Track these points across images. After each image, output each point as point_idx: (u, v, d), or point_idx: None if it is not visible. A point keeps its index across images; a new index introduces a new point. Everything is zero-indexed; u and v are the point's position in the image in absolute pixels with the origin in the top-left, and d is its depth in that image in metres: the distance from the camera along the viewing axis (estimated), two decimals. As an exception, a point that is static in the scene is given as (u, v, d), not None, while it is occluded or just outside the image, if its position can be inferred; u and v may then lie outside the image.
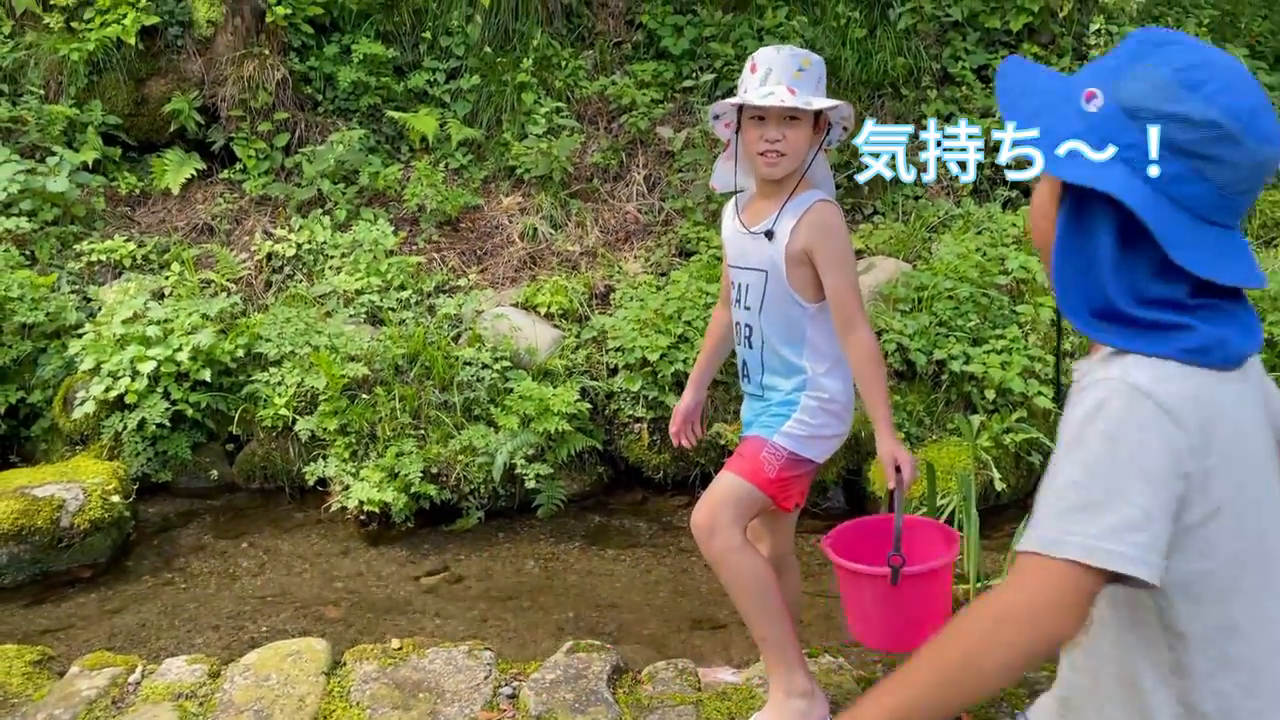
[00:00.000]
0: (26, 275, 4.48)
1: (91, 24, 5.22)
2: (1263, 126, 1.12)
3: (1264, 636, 1.16)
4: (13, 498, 3.69)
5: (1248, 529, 1.15)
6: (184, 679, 2.72)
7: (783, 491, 2.48)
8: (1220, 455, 1.12)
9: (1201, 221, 1.13)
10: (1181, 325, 1.13)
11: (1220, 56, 1.16)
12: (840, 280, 2.36)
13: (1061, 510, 1.10)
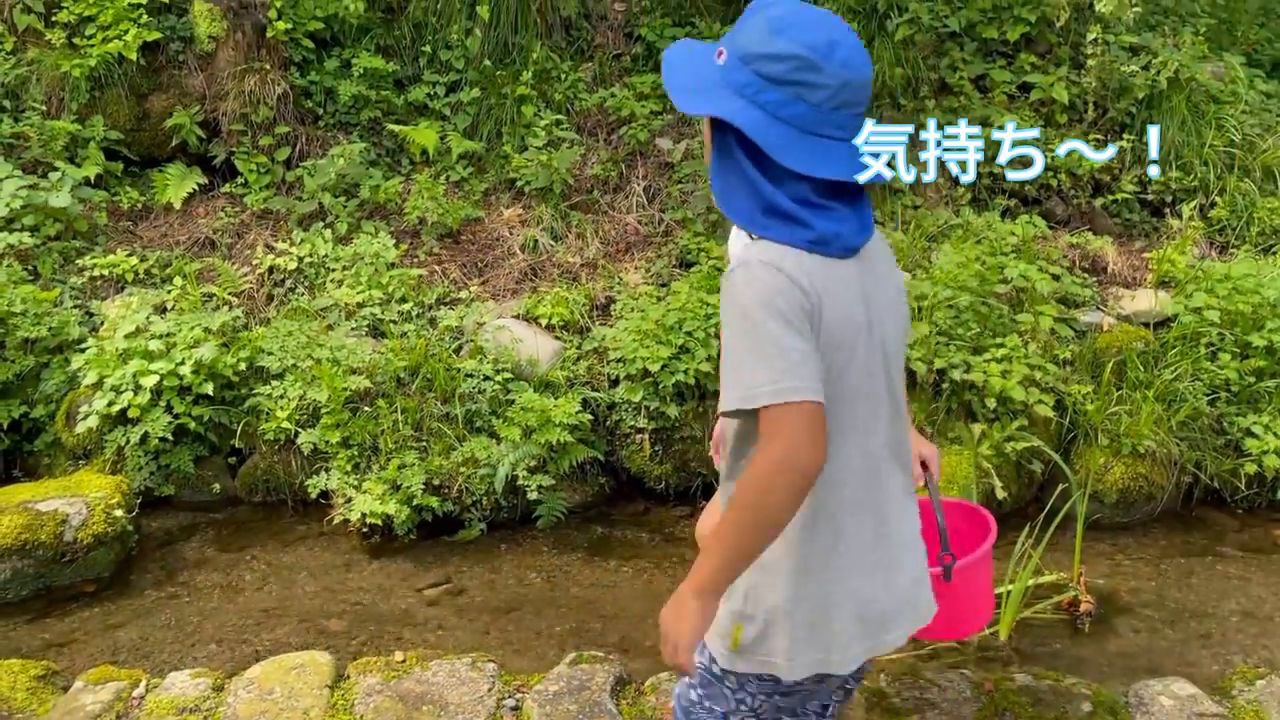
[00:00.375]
0: (29, 290, 4.49)
1: (93, 40, 5.24)
2: (839, 55, 1.44)
3: (848, 454, 1.55)
4: (16, 512, 3.69)
5: (835, 382, 1.49)
6: (188, 693, 2.73)
7: None
8: (827, 323, 1.46)
9: (807, 134, 1.46)
10: (803, 222, 1.47)
11: (809, 9, 1.48)
12: None
13: (751, 370, 1.41)
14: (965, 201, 5.32)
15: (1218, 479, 4.39)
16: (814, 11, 1.48)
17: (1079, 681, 2.83)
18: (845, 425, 1.53)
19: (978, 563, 2.35)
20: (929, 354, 4.31)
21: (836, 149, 1.48)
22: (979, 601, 2.42)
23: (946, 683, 2.81)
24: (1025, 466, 4.28)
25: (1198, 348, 4.50)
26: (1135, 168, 5.40)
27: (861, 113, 1.52)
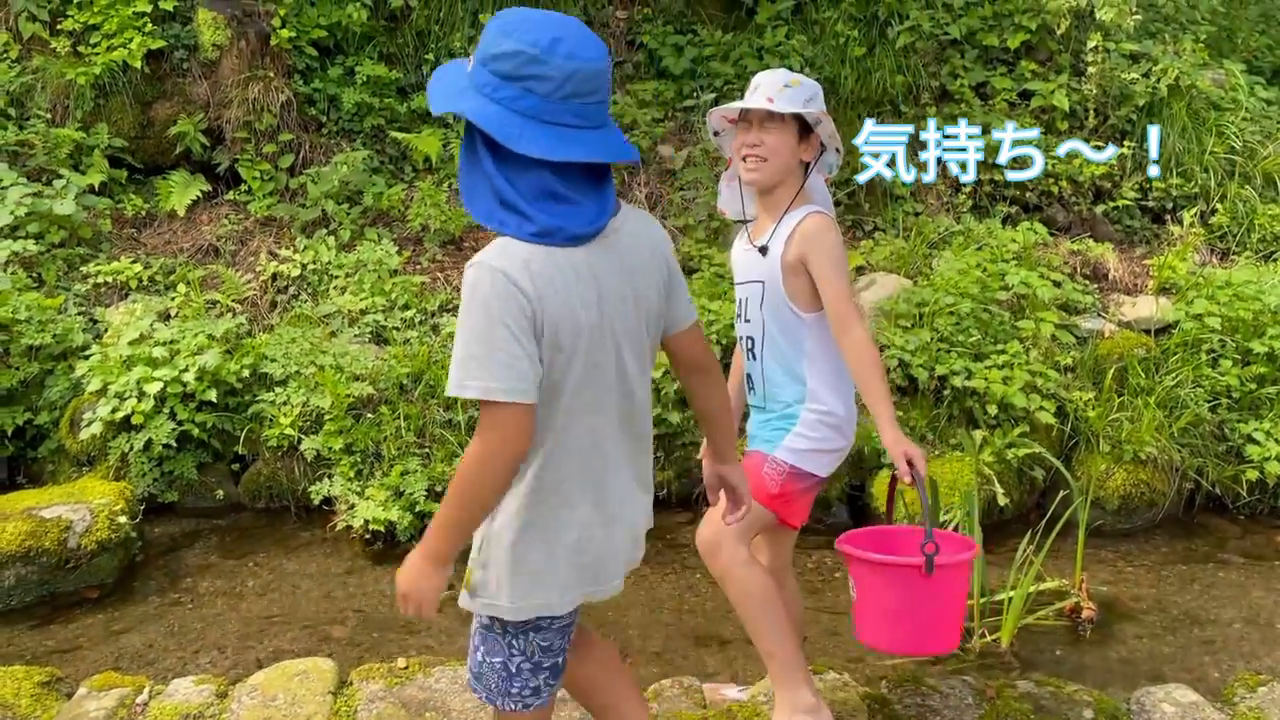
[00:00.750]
0: (34, 298, 4.51)
1: (98, 48, 5.27)
2: (563, 49, 1.56)
3: (574, 432, 1.73)
4: (20, 519, 3.70)
5: (562, 371, 1.67)
6: (191, 700, 2.73)
7: (786, 508, 2.50)
8: (550, 320, 1.62)
9: (542, 123, 1.58)
10: (527, 215, 1.60)
11: (538, 12, 1.63)
12: (833, 286, 2.41)
13: (468, 369, 1.59)
14: (966, 208, 5.34)
15: (1219, 485, 4.40)
16: (541, 14, 1.64)
17: (1081, 689, 2.83)
18: (574, 408, 1.73)
19: (960, 567, 2.36)
20: (930, 360, 4.33)
21: (575, 135, 1.60)
22: (954, 614, 2.42)
23: (948, 689, 2.81)
24: (1027, 473, 4.29)
25: (1199, 354, 4.51)
26: (1136, 174, 5.42)
27: (599, 101, 1.63)
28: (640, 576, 3.96)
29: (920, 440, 4.30)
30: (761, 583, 2.44)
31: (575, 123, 1.60)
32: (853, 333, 2.39)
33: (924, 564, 2.25)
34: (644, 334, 1.80)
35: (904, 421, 4.32)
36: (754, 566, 2.45)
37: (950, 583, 2.35)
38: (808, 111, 2.40)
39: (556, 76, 1.57)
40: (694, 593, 3.84)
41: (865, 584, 2.43)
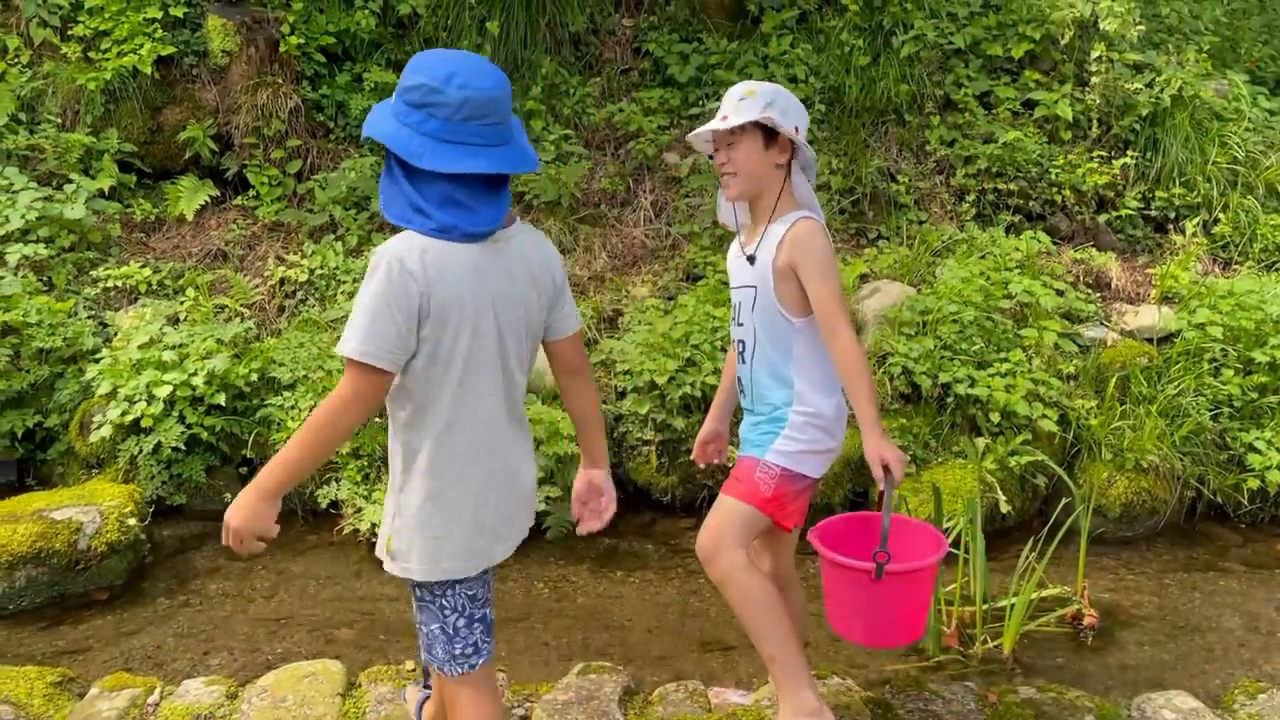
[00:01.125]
0: (45, 301, 4.55)
1: (109, 54, 5.31)
2: (457, 80, 1.85)
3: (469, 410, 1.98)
4: (31, 520, 3.74)
5: (450, 350, 1.93)
6: (202, 700, 2.76)
7: (780, 510, 2.53)
8: (437, 303, 1.87)
9: (442, 142, 1.85)
10: (428, 215, 1.88)
11: (444, 51, 1.94)
12: (822, 290, 2.45)
13: (352, 331, 1.86)
14: (969, 217, 5.37)
15: (1220, 494, 4.42)
16: (445, 52, 1.94)
17: (1082, 695, 2.86)
18: (467, 387, 1.97)
19: (914, 575, 2.41)
20: (934, 368, 4.36)
21: (475, 151, 1.87)
22: (913, 613, 2.47)
23: (950, 694, 2.84)
24: (1029, 480, 4.32)
25: (1201, 363, 4.54)
26: (1139, 184, 5.45)
27: (494, 123, 1.90)
28: (645, 581, 3.99)
29: (924, 447, 4.33)
30: (760, 586, 2.47)
31: (475, 141, 1.88)
32: (840, 336, 2.43)
33: (874, 570, 2.32)
34: (524, 333, 2.06)
35: (907, 429, 4.35)
36: (752, 571, 2.48)
37: (906, 585, 2.40)
38: (765, 116, 2.43)
39: (453, 103, 1.85)
40: (698, 597, 3.87)
41: (829, 578, 2.50)
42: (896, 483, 2.39)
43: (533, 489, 2.21)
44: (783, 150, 2.50)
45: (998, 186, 5.37)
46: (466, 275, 1.91)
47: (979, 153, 5.42)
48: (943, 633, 3.52)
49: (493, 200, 1.94)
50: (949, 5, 5.89)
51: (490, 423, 2.02)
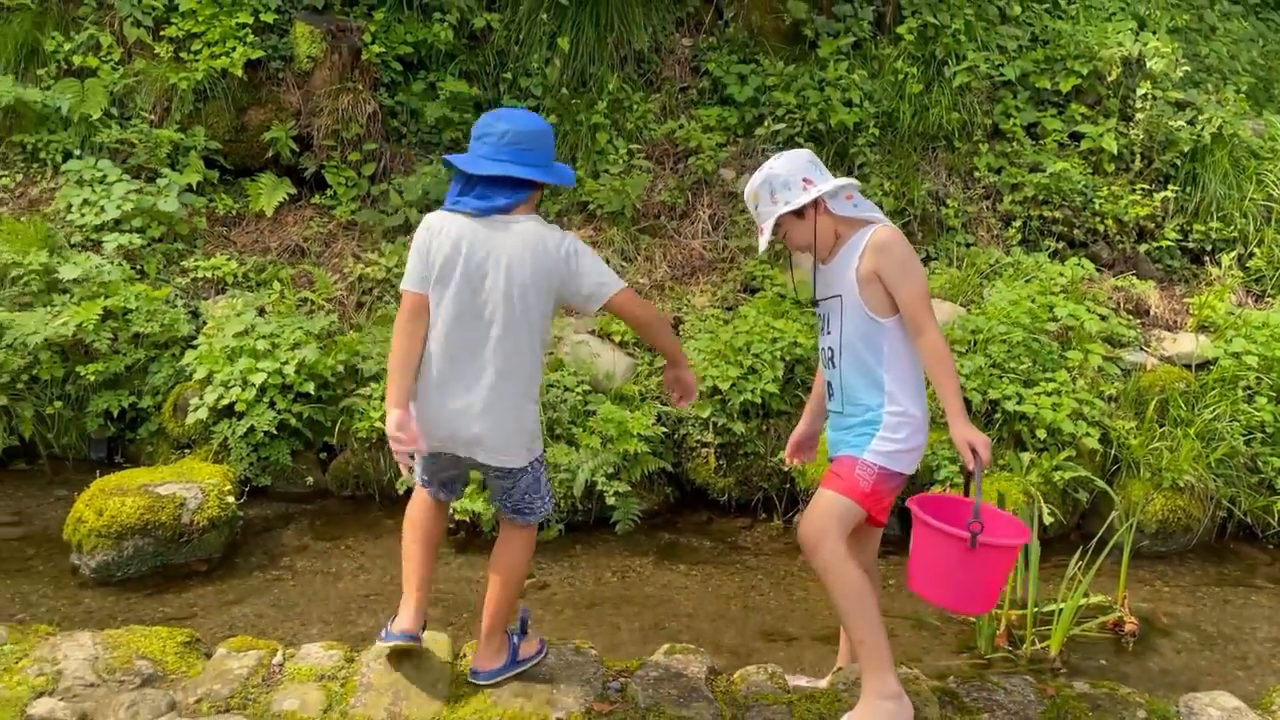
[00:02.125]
0: (142, 288, 4.80)
1: (200, 55, 5.57)
2: (481, 120, 2.67)
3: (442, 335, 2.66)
4: (138, 494, 3.98)
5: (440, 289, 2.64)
6: (324, 663, 3.00)
7: (877, 504, 2.78)
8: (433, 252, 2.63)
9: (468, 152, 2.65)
10: (450, 195, 2.68)
11: (499, 110, 2.71)
12: (907, 291, 2.72)
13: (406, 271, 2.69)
14: (1015, 242, 5.60)
15: (1251, 515, 4.65)
16: (496, 111, 2.72)
17: (1133, 692, 3.08)
18: (447, 318, 2.65)
19: (1002, 550, 2.66)
20: (984, 384, 4.59)
21: (472, 159, 2.63)
22: (991, 587, 2.72)
23: (1011, 686, 3.07)
24: (1071, 494, 4.55)
25: (1236, 390, 4.77)
26: (1178, 216, 5.68)
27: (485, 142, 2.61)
28: (706, 575, 4.22)
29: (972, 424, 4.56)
30: (857, 576, 2.70)
31: (479, 150, 2.63)
32: (927, 333, 2.69)
33: (969, 539, 2.57)
34: (513, 295, 2.64)
35: (956, 441, 4.58)
36: (850, 562, 2.72)
37: (991, 559, 2.64)
38: (778, 214, 2.78)
39: (474, 132, 2.66)
40: (758, 592, 4.10)
41: (921, 543, 2.73)
42: (985, 464, 2.63)
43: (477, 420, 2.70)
44: (812, 205, 2.81)
45: (1043, 214, 5.62)
46: (459, 235, 2.64)
47: (1026, 181, 5.66)
48: (994, 633, 3.76)
49: (489, 193, 2.63)
50: (1000, 38, 6.13)
51: (455, 352, 2.67)
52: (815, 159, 2.91)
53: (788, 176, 2.82)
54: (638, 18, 6.20)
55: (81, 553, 3.91)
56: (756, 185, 2.86)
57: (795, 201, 2.79)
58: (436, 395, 2.70)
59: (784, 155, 2.90)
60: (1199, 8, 7.01)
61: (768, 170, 2.85)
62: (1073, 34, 6.03)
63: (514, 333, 2.67)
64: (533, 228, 2.67)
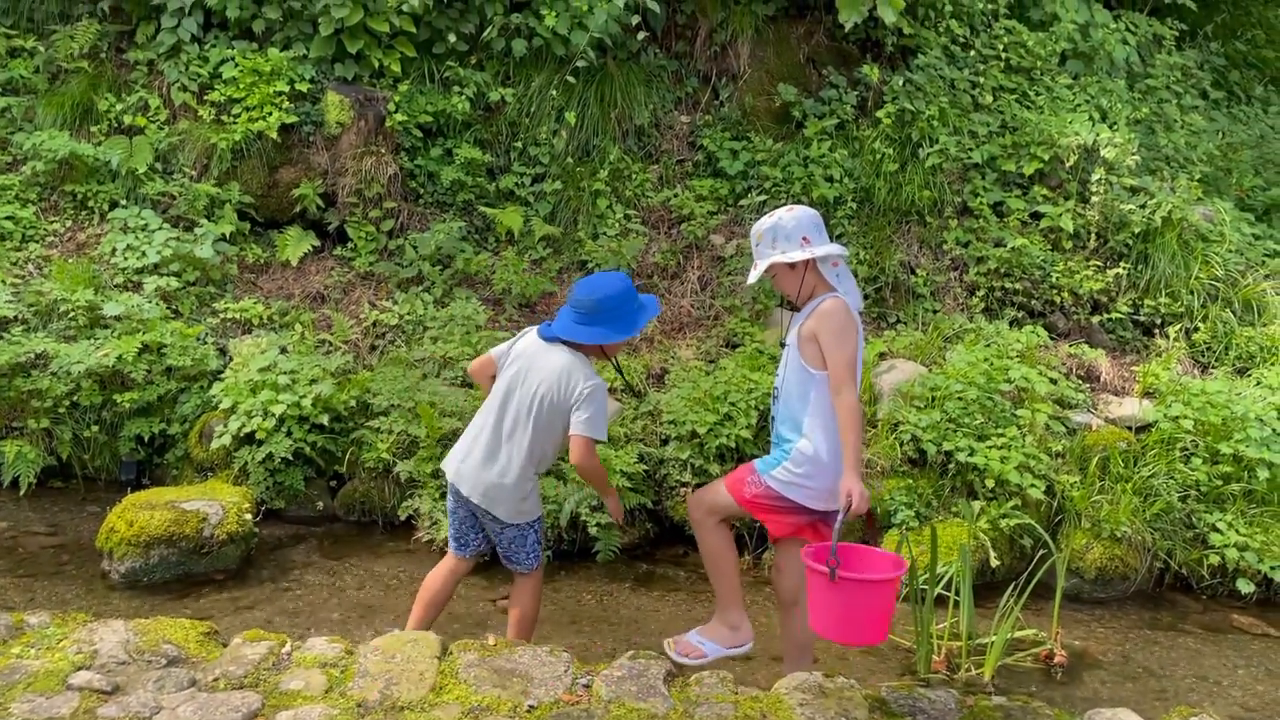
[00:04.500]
0: (177, 326, 5.30)
1: (239, 118, 6.14)
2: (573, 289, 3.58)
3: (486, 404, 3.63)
4: (165, 509, 4.42)
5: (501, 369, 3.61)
6: (327, 653, 3.40)
7: (758, 511, 3.40)
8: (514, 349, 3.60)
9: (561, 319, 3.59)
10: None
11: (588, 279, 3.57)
12: (836, 357, 3.26)
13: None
14: (978, 310, 6.07)
15: (1185, 567, 5.02)
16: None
17: (1044, 705, 3.44)
18: (494, 394, 3.54)
19: (869, 584, 3.12)
20: (939, 437, 5.02)
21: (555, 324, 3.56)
22: (871, 619, 3.18)
23: (935, 697, 3.44)
24: (1017, 541, 4.94)
25: (1173, 451, 5.17)
26: (1130, 292, 6.15)
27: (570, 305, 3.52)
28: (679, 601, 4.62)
29: (926, 506, 4.97)
30: (719, 538, 3.52)
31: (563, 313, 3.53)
32: (844, 394, 3.22)
33: (829, 573, 3.07)
34: (530, 399, 3.45)
35: (913, 489, 4.99)
36: (714, 529, 3.50)
37: (860, 593, 3.11)
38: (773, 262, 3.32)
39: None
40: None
41: (808, 581, 3.21)
42: (854, 513, 3.14)
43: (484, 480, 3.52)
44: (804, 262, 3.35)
45: (1005, 285, 6.09)
46: (522, 347, 3.56)
47: (990, 254, 6.15)
48: (933, 660, 4.14)
49: (549, 328, 3.54)
50: (971, 124, 6.67)
51: (489, 421, 3.53)
52: (819, 221, 3.43)
53: (792, 230, 3.35)
54: (639, 96, 6.77)
55: (112, 559, 4.34)
56: (764, 228, 3.39)
57: (791, 255, 3.32)
58: (472, 444, 3.56)
59: (796, 209, 3.43)
60: (1161, 100, 7.57)
61: (777, 219, 3.37)
62: (1038, 123, 6.56)
63: (531, 429, 3.49)
64: (568, 360, 3.46)
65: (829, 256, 3.37)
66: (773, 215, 3.40)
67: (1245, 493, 5.10)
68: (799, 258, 3.32)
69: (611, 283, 3.49)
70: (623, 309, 3.48)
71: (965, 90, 6.86)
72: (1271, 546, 4.91)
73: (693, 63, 7.08)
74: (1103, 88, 7.24)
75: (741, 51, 6.95)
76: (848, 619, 3.17)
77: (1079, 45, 7.43)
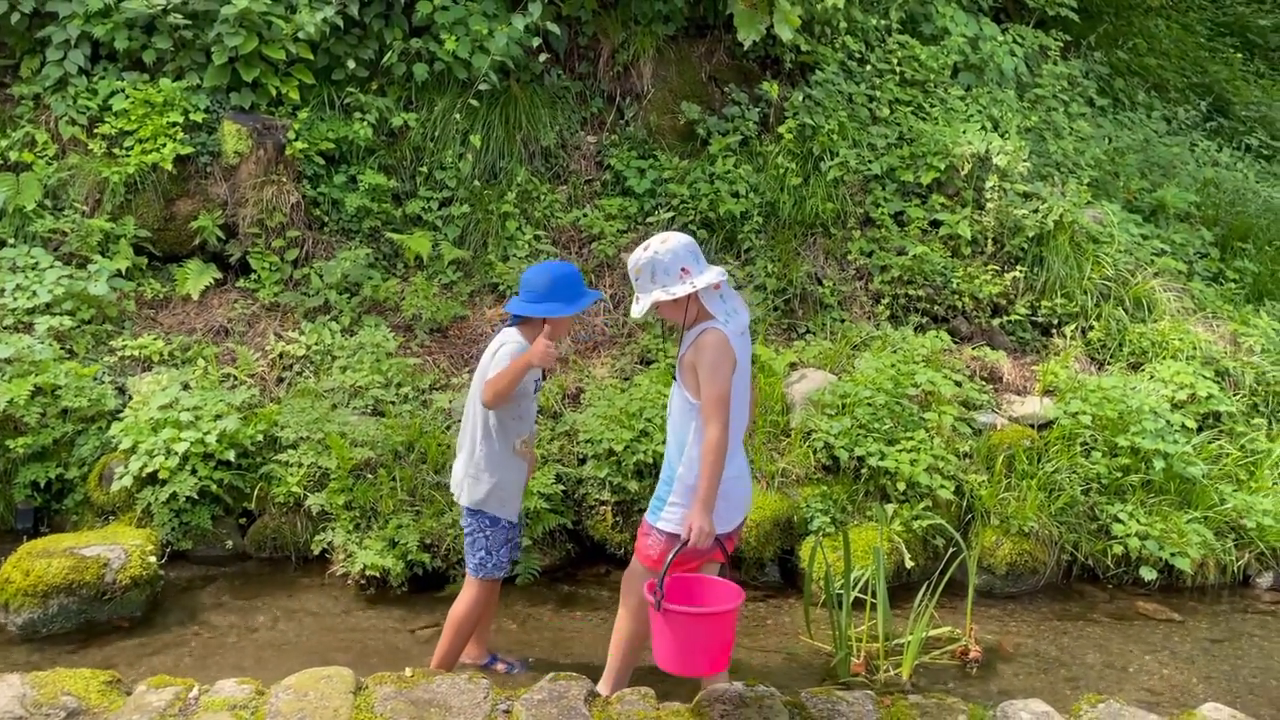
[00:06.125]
0: (72, 366, 5.11)
1: (132, 151, 5.97)
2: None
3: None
4: (63, 556, 4.26)
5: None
6: (236, 695, 3.30)
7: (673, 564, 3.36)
8: None
9: None
10: None
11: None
12: (707, 390, 3.32)
13: None
14: (884, 317, 6.21)
15: (1091, 558, 5.19)
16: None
17: (958, 700, 3.52)
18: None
19: (697, 616, 3.22)
20: (851, 443, 5.11)
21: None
22: (703, 650, 3.27)
23: (853, 699, 3.48)
24: (930, 542, 5.04)
25: (1074, 446, 5.35)
26: (1027, 294, 6.36)
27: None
28: (601, 620, 4.60)
29: (841, 511, 5.04)
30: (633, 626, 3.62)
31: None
32: (710, 428, 3.28)
33: (655, 604, 3.19)
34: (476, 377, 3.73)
35: (828, 495, 5.06)
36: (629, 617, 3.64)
37: (687, 623, 3.22)
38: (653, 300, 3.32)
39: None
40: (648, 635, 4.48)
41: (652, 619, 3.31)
42: (687, 545, 3.24)
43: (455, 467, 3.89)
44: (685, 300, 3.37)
45: (908, 292, 6.24)
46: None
47: (893, 263, 6.30)
48: (852, 663, 4.20)
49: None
50: (870, 137, 6.84)
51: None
52: (695, 249, 3.42)
53: (670, 264, 3.34)
54: (544, 118, 6.78)
55: (8, 611, 4.16)
56: (641, 263, 3.37)
57: (674, 291, 3.32)
58: None
59: (670, 239, 3.40)
60: (1050, 109, 7.86)
61: (653, 253, 3.35)
62: (933, 134, 6.76)
63: (470, 402, 3.76)
64: (506, 335, 3.69)
65: (710, 284, 3.38)
66: (647, 249, 3.37)
67: (1144, 483, 5.30)
68: (682, 293, 3.32)
69: (564, 266, 3.72)
70: (573, 290, 3.65)
71: (863, 104, 7.03)
72: (1171, 534, 5.10)
73: (596, 83, 7.13)
74: (993, 98, 7.49)
75: (644, 71, 7.02)
76: (681, 650, 3.26)
77: (969, 58, 7.68)
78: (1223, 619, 4.95)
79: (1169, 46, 10.61)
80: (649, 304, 3.36)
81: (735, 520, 3.54)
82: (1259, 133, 9.82)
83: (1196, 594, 5.17)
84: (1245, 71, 11.08)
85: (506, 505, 3.80)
